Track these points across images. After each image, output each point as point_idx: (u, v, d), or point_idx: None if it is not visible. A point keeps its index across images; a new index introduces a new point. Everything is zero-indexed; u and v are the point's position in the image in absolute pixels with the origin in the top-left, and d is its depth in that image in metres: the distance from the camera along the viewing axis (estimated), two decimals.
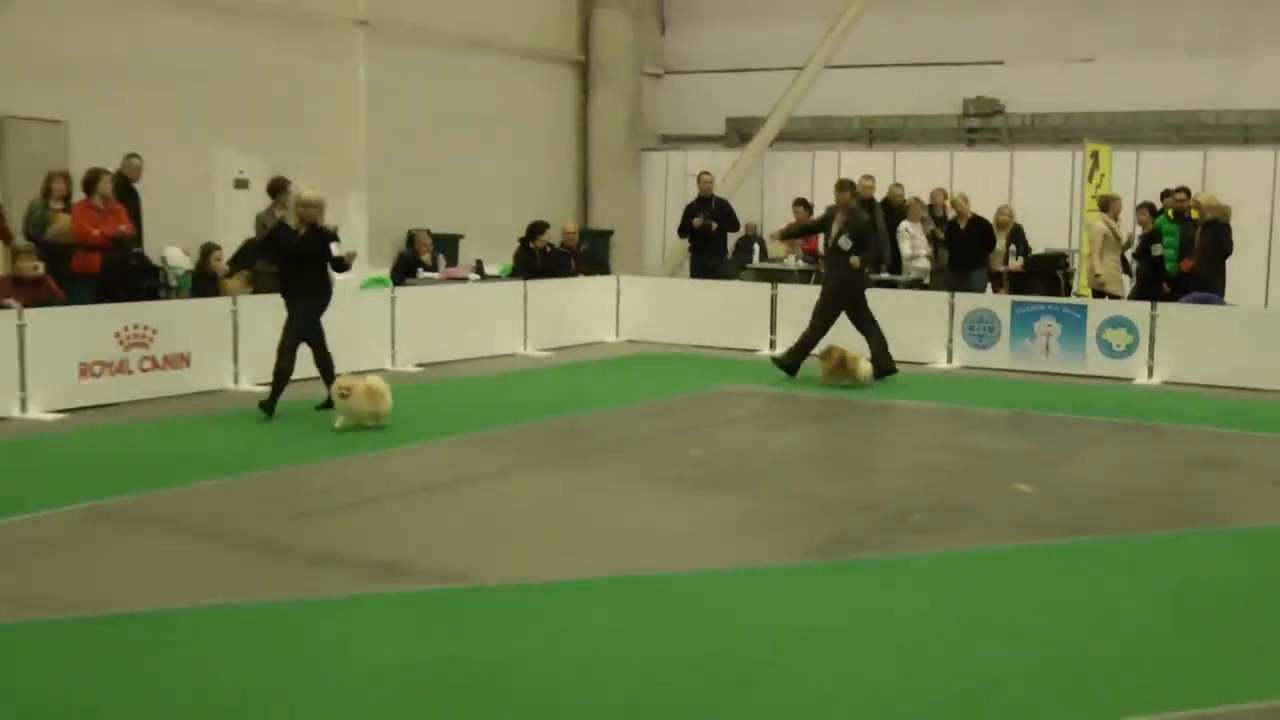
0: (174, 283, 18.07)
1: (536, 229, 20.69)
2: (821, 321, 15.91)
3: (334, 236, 13.25)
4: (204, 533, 8.66)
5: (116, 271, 15.44)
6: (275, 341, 14.51)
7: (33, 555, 8.11)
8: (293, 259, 13.01)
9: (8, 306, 13.19)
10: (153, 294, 16.47)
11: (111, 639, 6.62)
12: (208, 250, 17.07)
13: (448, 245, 22.44)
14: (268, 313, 14.82)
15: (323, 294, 13.17)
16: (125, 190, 16.73)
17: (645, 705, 5.78)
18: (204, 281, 16.90)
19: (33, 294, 13.72)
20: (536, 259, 20.24)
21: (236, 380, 14.54)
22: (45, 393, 12.81)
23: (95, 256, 15.25)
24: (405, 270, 19.74)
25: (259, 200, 18.30)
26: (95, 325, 13.53)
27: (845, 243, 15.67)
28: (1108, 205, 18.84)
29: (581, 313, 19.17)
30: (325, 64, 23.25)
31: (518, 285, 18.87)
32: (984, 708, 5.76)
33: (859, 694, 5.92)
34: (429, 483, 10.26)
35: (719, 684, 6.02)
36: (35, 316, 12.91)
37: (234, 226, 18.32)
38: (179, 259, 18.38)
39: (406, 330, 16.57)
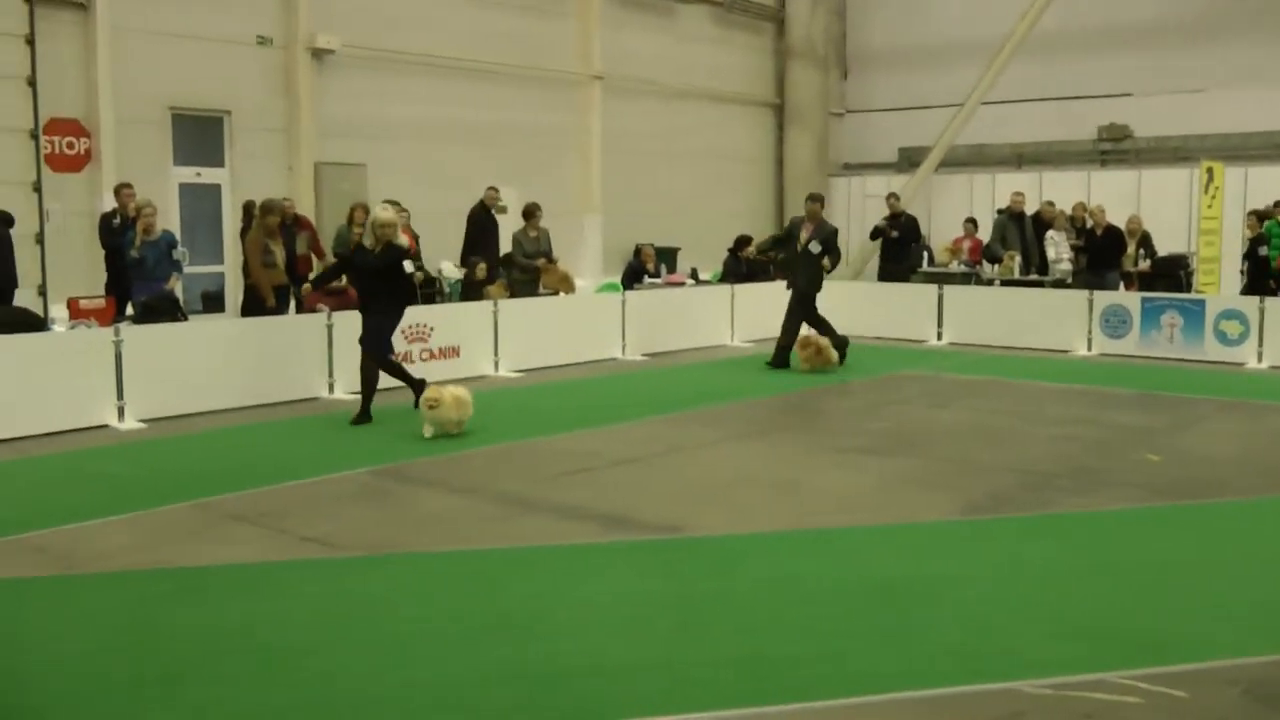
0: (447, 290, 18.51)
1: (742, 242, 20.92)
2: (798, 321, 15.52)
3: (407, 254, 11.89)
4: (470, 490, 8.86)
5: None
6: (528, 337, 14.87)
7: (340, 506, 8.40)
8: (367, 276, 11.76)
9: (318, 310, 13.68)
10: (430, 299, 16.89)
11: (403, 572, 6.86)
12: (473, 265, 17.45)
13: (668, 256, 22.65)
14: (523, 313, 15.20)
15: (396, 308, 11.89)
16: (485, 216, 17.98)
17: (823, 631, 5.80)
18: (470, 288, 17.28)
19: (338, 300, 14.21)
20: (742, 266, 20.35)
21: (496, 368, 14.83)
22: (346, 378, 13.19)
23: None
24: (633, 277, 19.98)
25: (515, 222, 18.74)
26: None
27: (815, 247, 15.15)
28: None
29: (778, 310, 19.10)
30: (567, 113, 23.73)
31: (726, 288, 18.97)
32: (1109, 644, 5.64)
33: (1003, 632, 5.84)
34: (650, 451, 10.32)
35: (882, 618, 6.00)
36: (339, 318, 13.33)
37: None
38: (451, 270, 18.82)
39: (635, 326, 16.73)
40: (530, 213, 17.83)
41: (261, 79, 19.46)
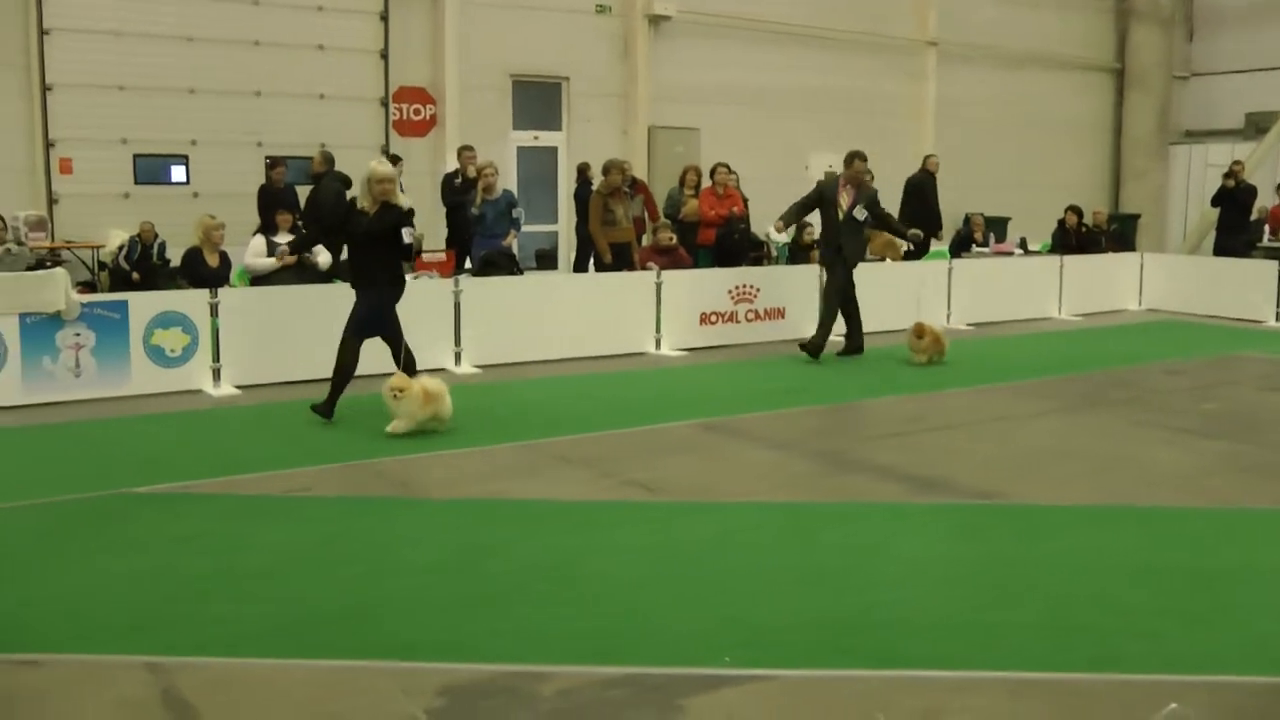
0: (775, 253, 18.73)
1: (1073, 212, 20.25)
2: (835, 303, 13.36)
3: (406, 219, 9.77)
4: (787, 445, 9.04)
5: (728, 244, 16.16)
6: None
7: (664, 455, 8.71)
8: (361, 243, 9.88)
9: (649, 268, 14.13)
10: (757, 261, 17.13)
11: (722, 518, 7.10)
12: (801, 227, 17.57)
13: (998, 225, 22.20)
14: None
15: (394, 283, 9.95)
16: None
17: (1135, 607, 5.71)
18: (798, 251, 17.43)
19: (668, 259, 14.61)
20: (1071, 237, 19.72)
21: None
22: (674, 335, 13.63)
23: (712, 231, 16.03)
24: (961, 245, 19.71)
25: None
26: (713, 285, 14.26)
27: (861, 214, 13.11)
28: None
29: (1108, 284, 18.49)
30: (900, 79, 23.55)
31: (1055, 259, 18.43)
32: None
33: None
34: (973, 419, 10.23)
35: (1194, 601, 5.85)
36: (669, 277, 13.75)
37: None
38: (778, 235, 19.00)
39: (960, 295, 16.51)
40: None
41: (599, 46, 20.13)
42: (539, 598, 5.70)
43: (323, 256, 13.14)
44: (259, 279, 12.80)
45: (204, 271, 12.96)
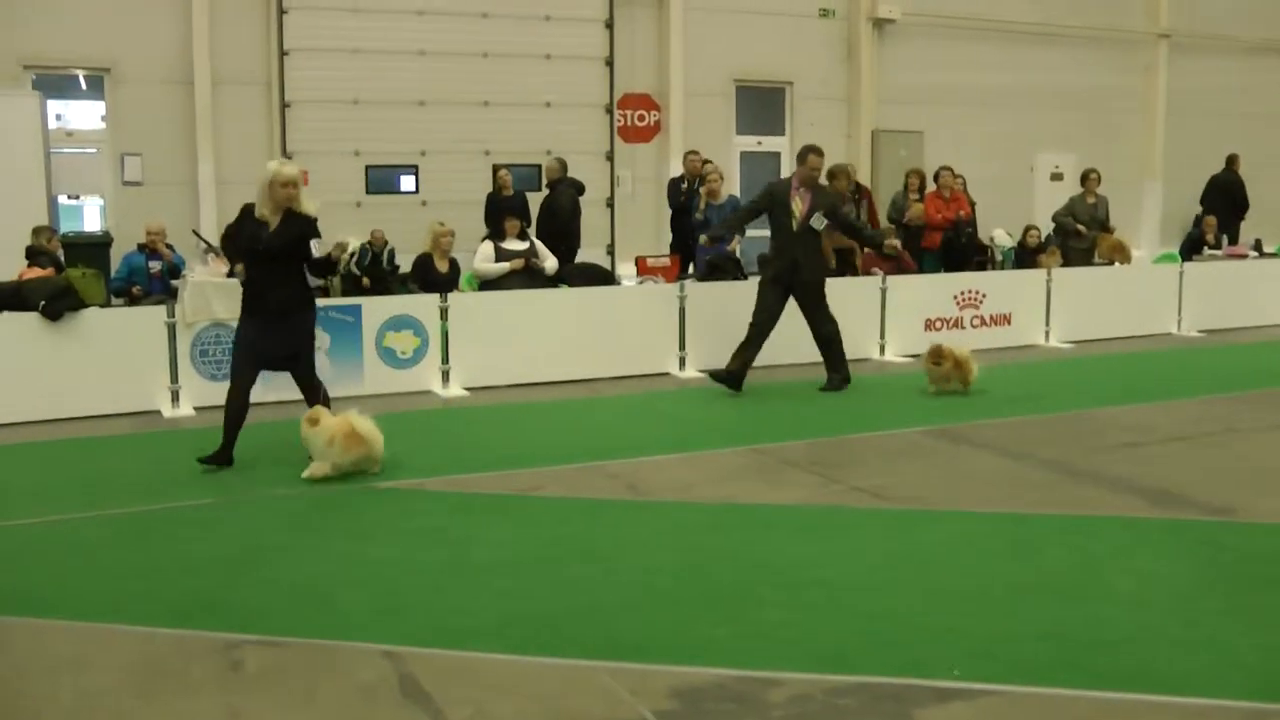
0: (999, 257, 18.33)
1: None
2: (769, 322, 11.46)
3: (312, 228, 8.23)
4: (1019, 455, 8.80)
5: (953, 248, 15.89)
6: (1081, 307, 14.42)
7: (891, 461, 8.60)
8: (260, 259, 8.19)
9: (873, 273, 13.98)
10: (981, 266, 16.79)
11: (953, 528, 6.94)
12: (1026, 230, 17.18)
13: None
14: (1076, 282, 14.79)
15: (303, 307, 8.38)
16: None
17: None
18: (1024, 255, 17.02)
19: (892, 264, 14.44)
20: None
21: (1047, 338, 14.51)
22: (899, 341, 13.44)
23: (938, 235, 15.78)
24: (1192, 248, 18.92)
25: (1072, 188, 18.32)
26: (939, 290, 14.02)
27: (819, 222, 11.29)
28: None
29: None
30: (1130, 74, 22.77)
31: None
32: None
33: None
34: (1203, 430, 9.74)
35: None
36: (894, 281, 13.58)
37: (1047, 212, 18.24)
38: (1003, 238, 18.61)
39: (1192, 300, 15.83)
40: (1087, 178, 17.33)
41: (823, 50, 20.05)
42: (769, 602, 5.67)
43: (549, 262, 13.38)
44: (487, 283, 13.11)
45: (434, 276, 13.32)
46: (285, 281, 8.19)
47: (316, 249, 8.21)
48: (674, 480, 8.08)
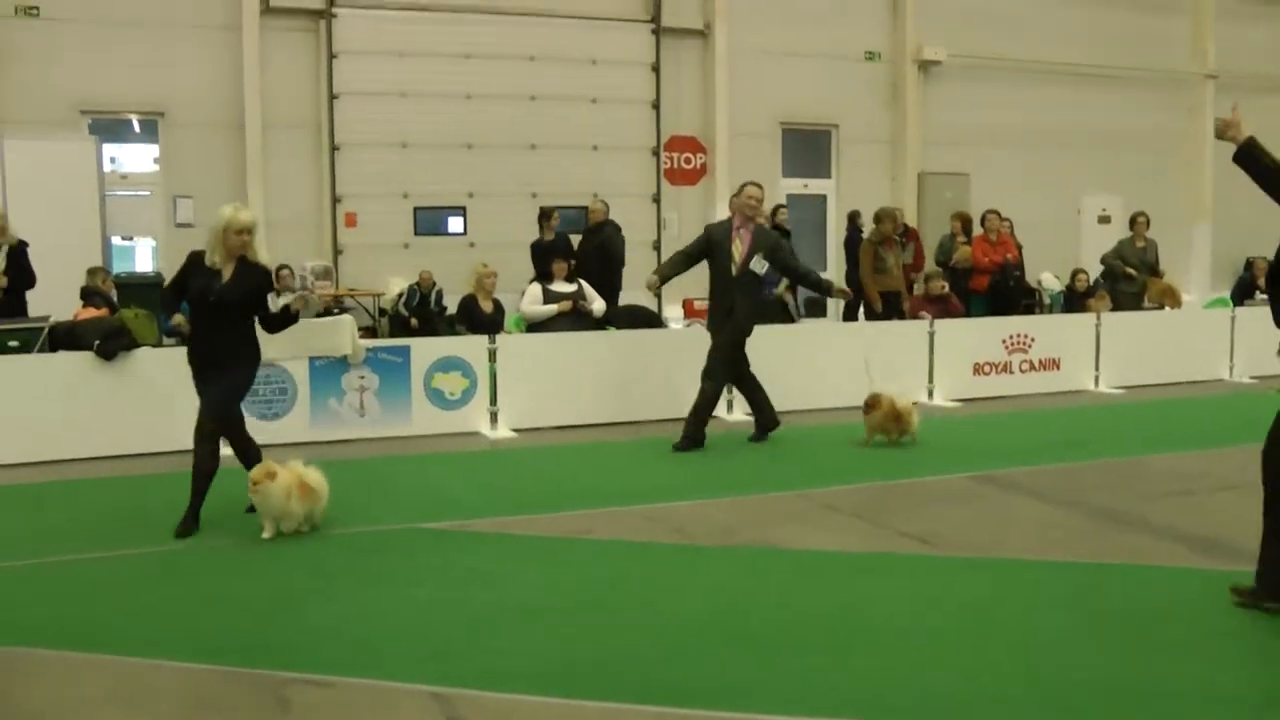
0: (1048, 301, 18.28)
1: None
2: (729, 374, 11.10)
3: (269, 280, 7.97)
4: (1067, 502, 8.75)
5: (1001, 291, 15.86)
6: (1131, 352, 14.36)
7: (938, 507, 8.58)
8: (211, 311, 7.68)
9: (921, 317, 13.98)
10: (1029, 310, 16.75)
11: (1002, 576, 6.90)
12: (1075, 274, 17.12)
13: None
14: (1126, 327, 14.71)
15: (251, 362, 7.91)
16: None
17: None
18: (1073, 299, 16.96)
19: (939, 308, 14.43)
20: None
21: (1097, 383, 14.42)
22: (947, 385, 13.43)
23: (986, 278, 15.76)
24: (1244, 292, 18.77)
25: (1120, 231, 18.26)
26: (987, 334, 13.97)
27: (760, 266, 10.66)
28: None
29: None
30: (1176, 115, 22.72)
31: None
32: None
33: None
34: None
35: None
36: (942, 325, 13.56)
37: (1095, 254, 18.16)
38: (1051, 282, 18.57)
39: (1244, 345, 15.71)
40: (1136, 221, 17.26)
41: (869, 92, 20.13)
42: (811, 648, 5.65)
43: (597, 304, 13.47)
44: (535, 325, 13.21)
45: (479, 316, 13.46)
46: (232, 334, 7.75)
47: (273, 303, 7.91)
48: (719, 524, 8.09)
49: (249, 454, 7.97)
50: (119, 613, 6.30)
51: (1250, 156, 6.34)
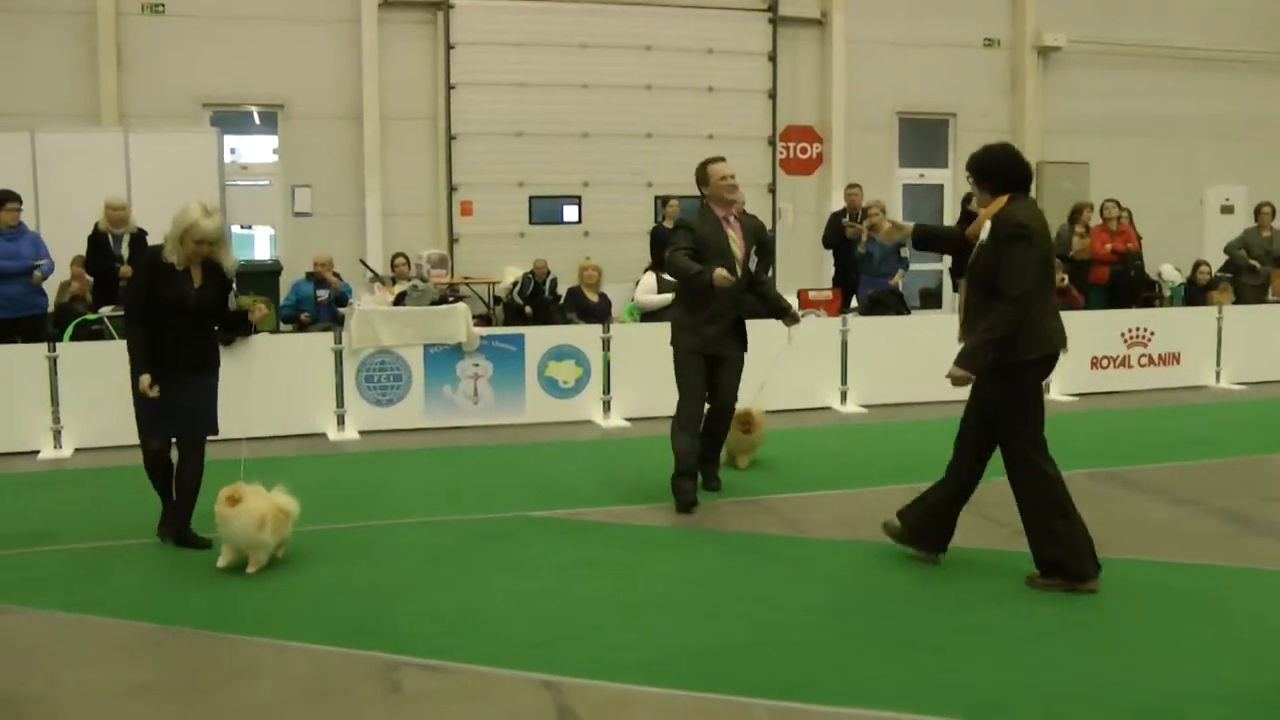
0: (1168, 293, 17.89)
1: None
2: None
3: (228, 284, 7.48)
4: (1193, 502, 8.54)
5: (1121, 282, 15.54)
6: (1256, 346, 13.97)
7: None
8: (188, 316, 7.22)
9: None
10: (1149, 302, 16.40)
11: (1124, 578, 6.67)
12: (1197, 266, 16.74)
13: None
14: (1251, 321, 14.31)
15: (217, 365, 7.51)
16: None
17: None
18: (1194, 292, 16.57)
19: (1060, 301, 14.13)
20: None
21: (1218, 379, 14.01)
22: (1063, 379, 12.97)
23: (1105, 270, 15.46)
24: None
25: (1244, 221, 17.81)
26: (1105, 326, 13.66)
27: (753, 261, 8.69)
28: None
29: None
30: None
31: None
32: None
33: None
34: None
35: None
36: (1065, 318, 13.25)
37: (1217, 246, 17.73)
38: (1172, 274, 18.16)
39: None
40: (1261, 211, 16.78)
41: (987, 80, 19.81)
42: (930, 646, 5.59)
43: None
44: (649, 315, 13.20)
45: (585, 304, 13.57)
46: (210, 336, 7.47)
47: (233, 303, 7.72)
48: (834, 517, 8.04)
49: (196, 469, 7.41)
50: (245, 595, 6.43)
51: None
